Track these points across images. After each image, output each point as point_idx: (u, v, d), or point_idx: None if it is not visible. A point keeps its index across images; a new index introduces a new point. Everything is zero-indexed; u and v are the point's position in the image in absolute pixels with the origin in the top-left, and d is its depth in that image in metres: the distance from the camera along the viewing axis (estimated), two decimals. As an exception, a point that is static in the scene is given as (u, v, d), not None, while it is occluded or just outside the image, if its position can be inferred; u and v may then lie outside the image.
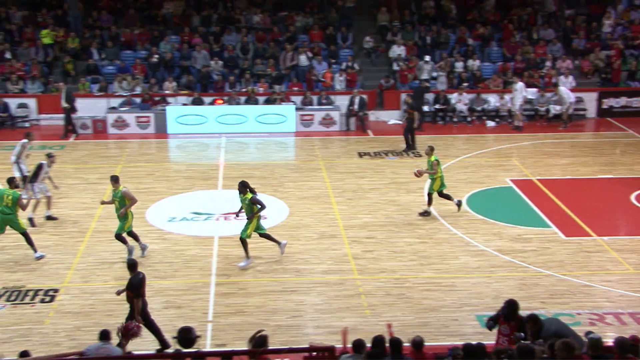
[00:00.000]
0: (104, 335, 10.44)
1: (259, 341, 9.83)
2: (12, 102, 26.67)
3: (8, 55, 28.38)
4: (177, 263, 15.92)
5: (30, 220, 17.57)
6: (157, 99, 26.78)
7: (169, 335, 12.05)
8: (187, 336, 10.00)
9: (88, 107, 26.52)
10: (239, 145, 24.90)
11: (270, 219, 18.31)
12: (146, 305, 12.55)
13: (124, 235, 15.92)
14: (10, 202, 15.85)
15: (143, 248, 16.14)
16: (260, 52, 29.31)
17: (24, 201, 16.17)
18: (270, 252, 16.44)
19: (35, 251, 16.12)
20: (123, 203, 15.74)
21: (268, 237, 16.07)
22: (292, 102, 26.88)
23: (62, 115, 25.96)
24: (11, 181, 16.39)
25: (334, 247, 16.85)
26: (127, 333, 10.56)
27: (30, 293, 14.49)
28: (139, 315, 12.21)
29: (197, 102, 26.62)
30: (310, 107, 26.93)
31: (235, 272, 15.53)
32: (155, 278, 15.17)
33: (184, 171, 22.11)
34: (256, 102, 26.82)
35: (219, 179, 21.35)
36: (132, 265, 12.59)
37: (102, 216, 18.36)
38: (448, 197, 18.66)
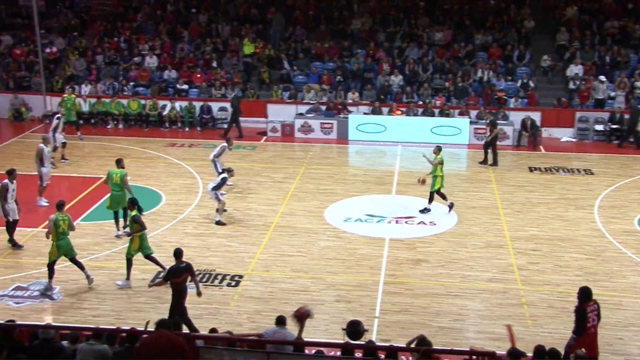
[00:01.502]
0: (280, 321, 10.73)
1: (421, 341, 9.75)
2: (215, 106, 28.10)
3: (214, 64, 29.99)
4: (349, 260, 16.12)
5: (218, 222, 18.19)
6: (340, 107, 27.25)
7: (338, 326, 12.22)
8: (355, 329, 10.08)
9: (278, 112, 27.56)
10: (414, 153, 24.78)
11: (439, 225, 18.16)
12: (186, 293, 12.76)
13: None
14: (118, 180, 17.04)
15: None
16: (439, 67, 29.09)
17: (128, 181, 17.25)
18: (437, 257, 16.28)
19: (118, 230, 17.27)
20: None
21: (153, 260, 15.09)
22: (467, 115, 26.44)
23: (253, 119, 27.47)
24: (119, 162, 17.50)
25: (499, 256, 16.41)
26: (301, 316, 10.70)
27: (219, 277, 15.21)
28: (152, 285, 13.13)
29: (377, 111, 26.83)
30: (484, 121, 26.35)
31: (403, 273, 15.50)
32: (329, 273, 15.46)
33: (361, 175, 22.33)
34: (432, 114, 26.63)
35: (393, 185, 21.39)
36: (177, 253, 12.83)
37: (284, 212, 18.93)
38: (443, 197, 18.91)
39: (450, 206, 18.99)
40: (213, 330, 11.16)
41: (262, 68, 29.82)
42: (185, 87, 29.03)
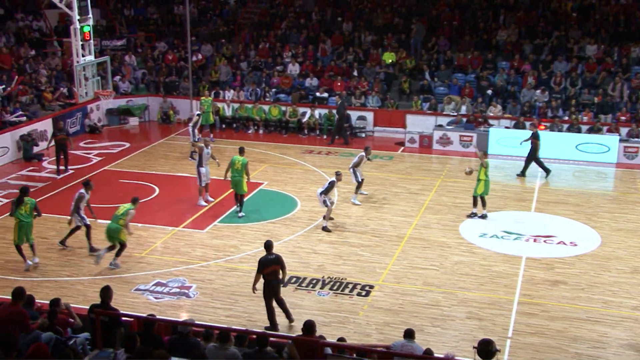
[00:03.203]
0: (409, 334, 10.66)
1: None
2: (354, 115, 28.37)
3: (355, 73, 30.29)
4: (483, 277, 15.77)
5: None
6: (481, 120, 26.75)
7: (468, 344, 12.00)
8: (487, 348, 9.82)
9: (417, 123, 27.41)
10: (556, 171, 23.90)
11: (580, 246, 17.45)
12: (277, 286, 13.33)
13: None
14: (240, 167, 18.73)
15: None
16: (589, 82, 27.93)
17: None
18: (576, 279, 15.63)
19: (240, 210, 19.01)
20: None
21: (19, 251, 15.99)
22: (617, 133, 25.21)
23: (392, 129, 27.75)
24: (242, 150, 19.31)
25: (646, 284, 15.54)
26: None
27: (350, 286, 15.30)
28: (254, 288, 13.25)
29: (520, 126, 26.10)
30: (636, 139, 25.05)
31: (539, 294, 14.99)
32: (461, 289, 15.19)
33: (499, 190, 21.76)
34: (579, 131, 25.58)
35: (532, 202, 20.75)
36: (267, 245, 13.47)
37: (419, 224, 18.80)
38: (483, 203, 19.29)
39: (481, 216, 19.21)
40: (341, 339, 11.25)
41: (402, 78, 29.80)
42: (326, 95, 29.49)
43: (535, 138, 23.00)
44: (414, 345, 10.52)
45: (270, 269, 13.21)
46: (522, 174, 23.17)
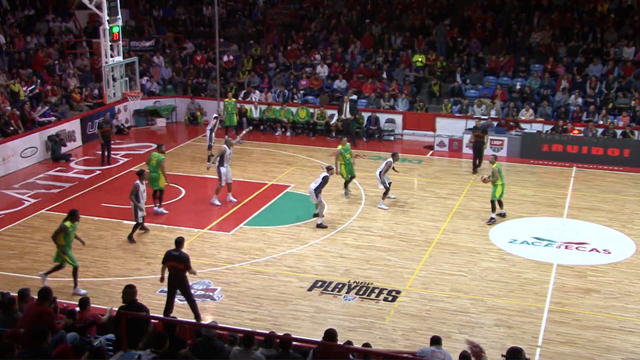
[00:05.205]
0: (436, 341, 10.61)
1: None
2: (382, 117, 28.33)
3: (384, 76, 30.24)
4: (512, 284, 15.65)
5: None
6: (512, 124, 26.55)
7: (497, 352, 11.92)
8: (516, 357, 9.79)
9: (446, 127, 27.28)
10: (591, 176, 23.68)
11: (614, 253, 17.24)
12: (177, 281, 13.60)
13: None
14: (155, 163, 18.87)
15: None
16: (625, 85, 27.59)
17: None
18: (610, 288, 15.44)
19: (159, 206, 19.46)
20: None
21: None
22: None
23: (421, 132, 27.72)
24: (159, 147, 19.54)
25: (683, 293, 15.29)
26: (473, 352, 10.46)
27: (376, 290, 15.27)
28: (161, 279, 13.91)
29: (557, 129, 25.84)
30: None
31: (571, 302, 14.83)
32: (490, 295, 15.09)
33: (531, 196, 21.59)
34: (614, 136, 25.28)
35: (565, 208, 20.54)
36: (176, 241, 13.80)
37: (447, 229, 18.71)
38: (499, 205, 19.35)
39: (501, 214, 19.40)
40: (366, 344, 11.23)
41: (432, 81, 29.69)
42: (355, 97, 29.45)
43: (483, 132, 24.09)
44: (444, 352, 10.47)
45: (170, 264, 13.55)
46: (475, 170, 23.91)
